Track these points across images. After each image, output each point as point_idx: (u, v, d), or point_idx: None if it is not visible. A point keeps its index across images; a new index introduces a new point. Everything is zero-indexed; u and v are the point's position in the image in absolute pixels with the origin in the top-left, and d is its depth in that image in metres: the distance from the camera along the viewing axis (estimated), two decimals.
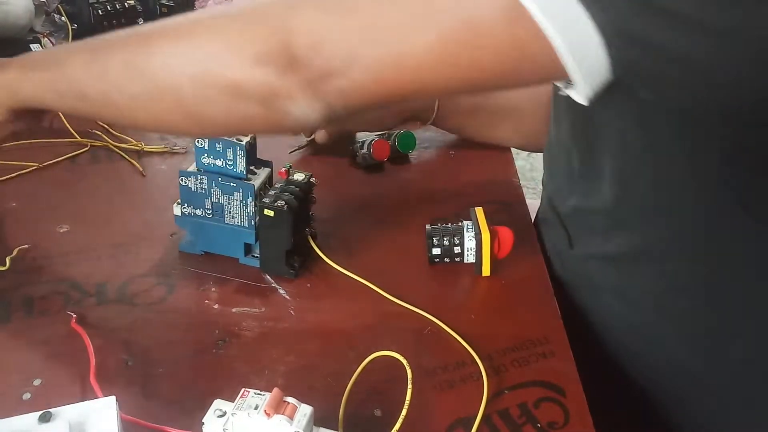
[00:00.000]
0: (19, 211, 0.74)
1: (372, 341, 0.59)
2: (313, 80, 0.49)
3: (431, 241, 0.68)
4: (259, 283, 0.66)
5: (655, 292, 0.63)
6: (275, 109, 0.51)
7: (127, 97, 0.55)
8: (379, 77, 0.49)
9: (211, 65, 0.51)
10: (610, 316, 0.68)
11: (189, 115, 0.54)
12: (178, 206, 0.67)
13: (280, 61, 0.49)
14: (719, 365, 0.63)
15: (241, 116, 0.52)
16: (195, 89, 0.52)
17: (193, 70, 0.52)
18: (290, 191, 0.64)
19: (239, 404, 0.45)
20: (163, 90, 0.54)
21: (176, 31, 0.54)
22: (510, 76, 0.49)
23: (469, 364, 0.58)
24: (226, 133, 0.60)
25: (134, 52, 0.55)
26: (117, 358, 0.57)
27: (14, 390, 0.53)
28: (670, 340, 0.64)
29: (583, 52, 0.45)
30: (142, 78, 0.54)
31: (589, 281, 0.69)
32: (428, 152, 0.91)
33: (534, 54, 0.46)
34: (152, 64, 0.54)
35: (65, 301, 0.62)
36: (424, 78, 0.50)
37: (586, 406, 0.55)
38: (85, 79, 0.57)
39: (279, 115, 0.51)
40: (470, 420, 0.53)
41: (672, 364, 0.65)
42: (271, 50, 0.49)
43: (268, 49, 0.49)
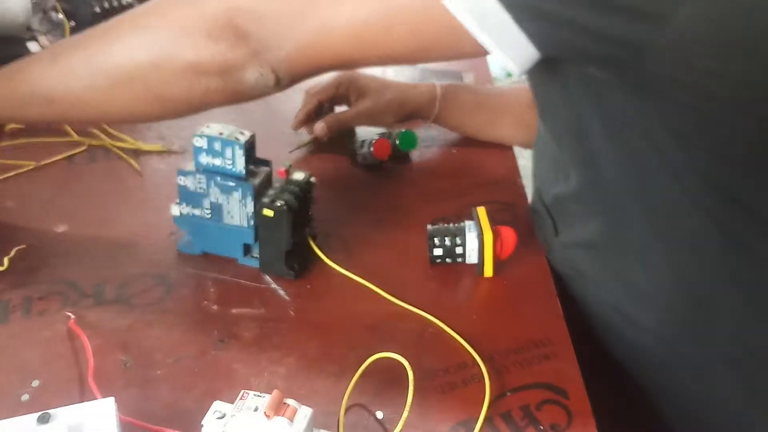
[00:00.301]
0: (17, 211, 0.74)
1: (373, 342, 0.59)
2: (258, 51, 0.56)
3: (432, 241, 0.68)
4: (259, 284, 0.65)
5: (630, 276, 0.64)
6: (232, 79, 0.57)
7: (93, 92, 0.60)
8: (310, 51, 0.56)
9: (169, 49, 0.57)
10: (596, 302, 0.69)
11: (155, 99, 0.60)
12: (176, 206, 0.67)
13: (229, 36, 0.55)
14: (705, 344, 0.64)
15: (203, 91, 0.58)
16: (158, 74, 0.58)
17: (152, 56, 0.57)
18: (290, 191, 0.64)
19: (239, 406, 0.45)
20: (127, 79, 0.59)
21: (132, 21, 0.59)
22: (431, 53, 0.56)
23: (471, 366, 0.58)
24: (189, 110, 0.63)
25: (95, 47, 0.60)
26: (115, 359, 0.56)
27: (12, 391, 0.53)
28: (650, 324, 0.65)
29: (497, 31, 0.50)
30: (105, 71, 0.59)
31: (575, 268, 0.70)
32: (430, 151, 0.90)
33: (450, 33, 0.51)
34: (114, 56, 0.59)
35: (63, 301, 0.62)
36: (349, 52, 0.56)
37: (589, 408, 0.54)
38: (49, 82, 0.61)
39: (236, 84, 0.57)
40: (472, 422, 0.53)
41: (657, 349, 0.66)
42: (220, 28, 0.55)
43: (217, 26, 0.55)
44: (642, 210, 0.60)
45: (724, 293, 0.61)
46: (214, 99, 0.60)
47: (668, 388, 0.68)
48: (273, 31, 0.56)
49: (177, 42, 0.57)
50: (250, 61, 0.56)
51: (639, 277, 0.64)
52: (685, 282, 0.62)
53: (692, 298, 0.62)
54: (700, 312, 0.62)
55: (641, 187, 0.59)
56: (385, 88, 0.87)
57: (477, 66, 1.12)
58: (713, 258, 0.59)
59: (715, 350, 0.64)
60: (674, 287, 0.62)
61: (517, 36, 0.50)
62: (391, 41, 0.55)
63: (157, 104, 0.61)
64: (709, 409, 0.67)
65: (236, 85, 0.58)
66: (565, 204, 0.69)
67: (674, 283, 0.62)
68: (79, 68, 0.60)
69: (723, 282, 0.61)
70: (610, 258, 0.66)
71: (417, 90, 0.88)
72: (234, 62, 0.56)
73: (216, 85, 0.58)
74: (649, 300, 0.64)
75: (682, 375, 0.66)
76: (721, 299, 0.61)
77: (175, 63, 0.57)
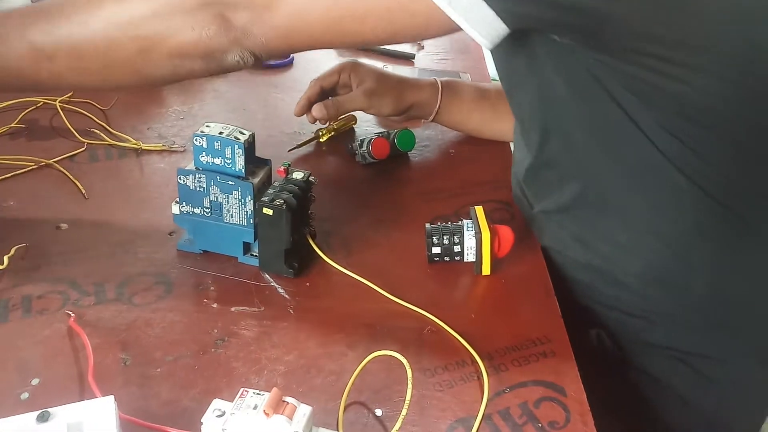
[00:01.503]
0: (17, 210, 0.74)
1: (371, 341, 0.59)
2: (239, 37, 0.60)
3: (431, 239, 0.68)
4: (258, 282, 0.66)
5: (611, 233, 0.67)
6: (215, 62, 0.62)
7: (79, 75, 0.64)
8: (287, 36, 0.61)
9: (157, 38, 0.61)
10: (575, 266, 0.71)
11: (141, 78, 0.65)
12: (176, 205, 0.67)
13: (214, 25, 0.59)
14: (683, 296, 0.67)
15: (187, 71, 0.63)
16: (146, 60, 0.62)
17: (141, 44, 0.61)
18: (289, 190, 0.64)
19: (238, 404, 0.45)
20: (116, 64, 0.63)
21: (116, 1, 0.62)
22: (400, 35, 0.60)
23: (470, 364, 0.58)
24: (171, 83, 0.71)
25: (79, 33, 0.62)
26: (115, 358, 0.57)
27: (12, 390, 0.53)
28: (631, 279, 0.68)
29: (467, 9, 0.53)
30: (94, 58, 0.62)
31: (554, 236, 0.72)
32: (428, 151, 0.90)
33: (422, 14, 0.55)
34: (100, 43, 0.62)
35: (63, 300, 0.62)
36: (325, 38, 0.61)
37: (587, 405, 0.55)
38: (33, 69, 0.63)
39: (218, 65, 0.62)
40: (471, 420, 0.53)
41: (639, 304, 0.69)
42: (204, 17, 0.59)
43: (202, 16, 0.59)
44: (616, 169, 0.63)
45: (700, 246, 0.64)
46: (197, 76, 0.65)
47: (651, 345, 0.70)
48: (251, 20, 0.59)
49: (165, 31, 0.60)
50: (231, 47, 0.60)
51: (620, 233, 0.66)
52: (662, 235, 0.64)
53: (670, 250, 0.65)
54: (677, 264, 0.65)
55: (613, 147, 0.62)
56: (387, 76, 0.88)
57: (475, 66, 1.13)
58: (687, 212, 0.62)
59: (692, 301, 0.67)
60: (653, 241, 0.65)
61: (485, 12, 0.52)
62: (366, 26, 0.58)
63: (142, 82, 0.67)
64: (690, 361, 0.69)
65: (218, 66, 0.62)
66: (539, 174, 0.71)
67: (653, 236, 0.64)
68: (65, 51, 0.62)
69: (698, 235, 0.63)
70: (589, 218, 0.68)
71: (418, 84, 0.88)
72: (217, 47, 0.60)
73: (199, 66, 0.62)
74: (629, 255, 0.66)
75: (661, 328, 0.69)
76: (696, 252, 0.64)
77: (163, 51, 0.61)
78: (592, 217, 0.67)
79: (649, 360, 0.71)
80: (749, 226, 0.63)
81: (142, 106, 0.96)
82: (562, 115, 0.63)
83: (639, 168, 0.62)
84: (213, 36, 0.60)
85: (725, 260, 0.65)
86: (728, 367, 0.70)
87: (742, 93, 0.56)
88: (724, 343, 0.69)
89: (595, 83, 0.58)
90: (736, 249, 0.65)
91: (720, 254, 0.65)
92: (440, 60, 1.17)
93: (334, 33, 0.60)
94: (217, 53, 0.61)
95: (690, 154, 0.59)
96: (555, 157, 0.67)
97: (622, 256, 0.67)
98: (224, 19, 0.59)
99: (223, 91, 1.03)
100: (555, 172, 0.68)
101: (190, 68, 0.62)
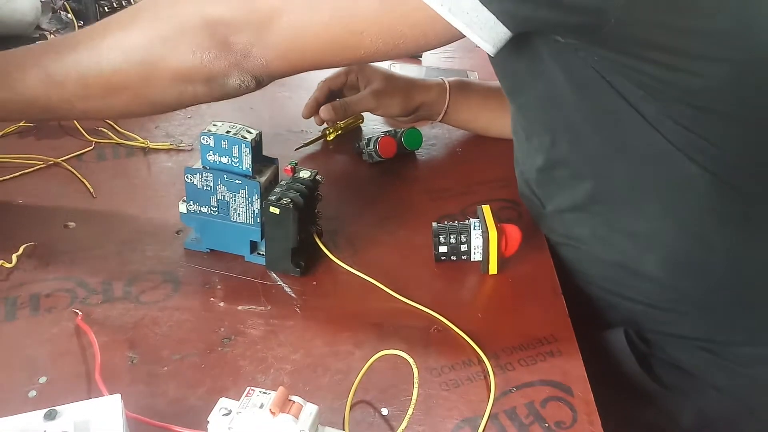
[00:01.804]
0: (26, 209, 0.74)
1: (378, 340, 0.59)
2: (239, 60, 0.60)
3: (438, 238, 0.68)
4: (265, 281, 0.66)
5: (629, 226, 0.67)
6: (216, 85, 0.61)
7: (89, 101, 0.64)
8: (287, 58, 0.60)
9: (157, 63, 0.61)
10: (595, 261, 0.71)
11: (146, 104, 0.65)
12: (183, 204, 0.67)
13: (213, 48, 0.59)
14: (704, 278, 0.67)
15: (191, 95, 0.63)
16: (148, 85, 0.62)
17: (142, 69, 0.61)
18: (296, 189, 0.64)
19: (244, 403, 0.45)
20: (120, 90, 0.63)
21: (119, 29, 0.63)
22: (401, 48, 0.58)
23: (476, 363, 0.58)
24: (180, 108, 0.70)
25: (86, 59, 0.62)
26: (122, 356, 0.57)
27: (20, 388, 0.53)
28: (653, 268, 0.67)
29: (468, 15, 0.52)
30: (98, 83, 0.63)
31: (568, 235, 0.72)
32: (435, 150, 0.90)
33: (422, 24, 0.54)
34: (104, 69, 0.62)
35: (71, 298, 0.62)
36: (324, 57, 0.61)
37: (594, 405, 0.54)
38: (45, 94, 0.64)
39: (220, 89, 0.62)
40: (477, 419, 0.53)
41: (663, 294, 0.69)
42: (203, 41, 0.59)
43: (200, 40, 0.59)
44: (626, 163, 0.63)
45: (718, 228, 0.64)
46: (202, 100, 0.64)
47: (677, 336, 0.70)
48: (250, 41, 0.59)
49: (164, 56, 0.61)
50: (231, 70, 0.60)
51: (637, 224, 0.66)
52: (679, 222, 0.64)
53: (688, 236, 0.65)
54: (696, 248, 0.65)
55: (620, 141, 0.62)
56: (395, 77, 0.88)
57: (483, 65, 1.12)
58: (701, 197, 0.62)
59: (714, 284, 0.67)
60: (671, 229, 0.65)
61: (485, 16, 0.52)
62: (365, 40, 0.57)
63: (148, 108, 0.68)
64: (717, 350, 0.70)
65: (221, 90, 0.62)
66: (550, 174, 0.70)
67: (670, 224, 0.65)
68: (71, 83, 0.63)
69: (714, 218, 0.63)
70: (605, 214, 0.67)
71: (426, 84, 0.88)
72: (218, 71, 0.60)
73: (202, 90, 0.62)
74: (649, 245, 0.66)
75: (685, 318, 0.69)
76: (714, 234, 0.64)
77: (164, 75, 0.61)
78: (609, 212, 0.67)
79: (677, 352, 0.71)
80: (765, 204, 0.64)
81: None
82: (568, 114, 0.63)
83: (648, 159, 0.61)
84: (213, 60, 0.59)
85: (743, 240, 0.65)
86: (757, 350, 0.69)
87: (745, 76, 0.56)
88: (747, 326, 0.69)
89: (598, 79, 0.58)
90: (754, 228, 0.65)
91: (737, 234, 0.65)
92: (447, 59, 1.17)
93: (334, 50, 0.59)
94: (218, 77, 0.61)
95: (697, 140, 0.59)
96: (566, 157, 0.67)
97: (642, 248, 0.67)
98: (224, 42, 0.59)
99: None
100: (567, 171, 0.68)
101: (193, 93, 0.62)
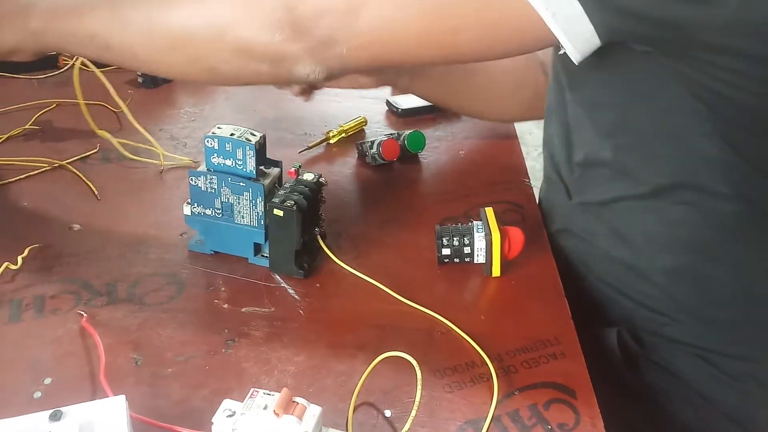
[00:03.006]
0: (31, 211, 0.74)
1: (381, 341, 0.59)
2: (316, 47, 0.56)
3: (441, 241, 0.68)
4: (269, 283, 0.66)
5: (648, 227, 0.67)
6: (282, 69, 0.58)
7: (149, 50, 0.61)
8: (371, 48, 0.56)
9: (226, 29, 0.57)
10: (605, 257, 0.71)
11: (205, 70, 0.61)
12: (188, 206, 0.67)
13: (288, 28, 0.55)
14: (708, 295, 0.67)
15: (252, 72, 0.59)
16: (211, 49, 0.59)
17: (210, 32, 0.58)
18: (299, 191, 0.64)
19: (248, 404, 0.45)
20: (181, 47, 0.60)
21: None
22: (500, 49, 0.56)
23: (479, 365, 0.58)
24: (236, 84, 0.68)
25: (156, 9, 0.60)
26: (127, 358, 0.57)
27: (25, 389, 0.53)
28: (657, 273, 0.68)
29: (569, 23, 0.51)
30: (162, 35, 0.60)
31: (587, 229, 0.72)
32: (438, 152, 0.90)
33: (520, 26, 0.53)
34: (172, 22, 0.59)
35: (76, 300, 0.62)
36: (406, 51, 0.57)
37: (597, 408, 0.54)
38: (108, 33, 0.62)
39: (285, 73, 0.58)
40: (480, 421, 0.53)
41: (661, 296, 0.69)
42: (280, 18, 0.55)
43: (278, 16, 0.55)
44: (680, 167, 0.62)
45: (729, 243, 0.65)
46: (261, 81, 0.62)
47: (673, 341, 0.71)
48: (333, 27, 0.55)
49: (234, 23, 0.58)
50: (304, 57, 0.57)
51: (656, 226, 0.66)
52: (695, 228, 0.64)
53: (698, 246, 0.65)
54: (704, 261, 0.66)
55: (682, 147, 0.61)
56: None
57: None
58: (725, 215, 0.63)
59: (717, 298, 0.67)
60: (686, 236, 0.65)
61: (585, 26, 0.52)
62: (459, 41, 0.55)
63: (206, 74, 0.63)
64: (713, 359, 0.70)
65: (286, 74, 0.59)
66: (589, 170, 0.70)
67: (686, 232, 0.65)
68: (136, 26, 0.61)
69: (725, 231, 0.64)
70: (632, 212, 0.67)
71: None
72: (288, 55, 0.57)
73: (266, 70, 0.59)
74: (661, 249, 0.67)
75: (685, 326, 0.69)
76: (724, 248, 0.65)
77: (230, 43, 0.58)
78: (635, 210, 0.67)
79: (670, 356, 0.71)
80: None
81: (154, 107, 0.97)
82: (633, 117, 0.63)
83: (695, 167, 0.62)
84: (285, 40, 0.56)
85: (752, 258, 0.66)
86: (751, 365, 0.70)
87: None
88: (747, 341, 0.70)
89: (665, 88, 0.58)
90: (764, 247, 0.66)
91: (747, 252, 0.65)
92: None
93: (421, 46, 0.56)
94: (287, 61, 0.57)
95: (736, 159, 0.60)
96: (613, 158, 0.66)
97: (653, 250, 0.67)
98: (302, 24, 0.56)
99: (234, 92, 1.04)
100: (608, 171, 0.68)
101: (255, 70, 0.59)
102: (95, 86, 0.84)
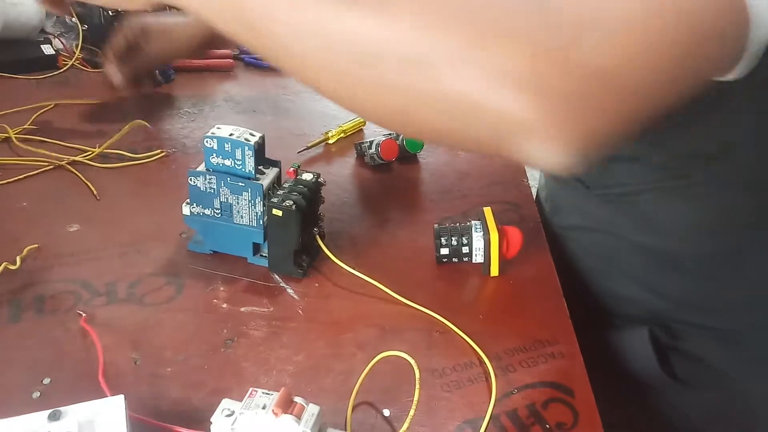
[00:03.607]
0: (30, 211, 0.74)
1: (380, 341, 0.59)
2: (560, 122, 0.36)
3: (439, 240, 0.68)
4: (268, 283, 0.66)
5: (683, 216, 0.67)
6: (503, 140, 0.38)
7: (302, 52, 0.42)
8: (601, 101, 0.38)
9: (427, 60, 0.37)
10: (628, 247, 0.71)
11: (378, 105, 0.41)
12: (187, 206, 0.67)
13: (538, 88, 0.36)
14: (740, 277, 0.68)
15: (462, 135, 0.40)
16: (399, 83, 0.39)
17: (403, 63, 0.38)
18: (298, 191, 0.64)
19: (247, 404, 0.45)
20: (350, 63, 0.40)
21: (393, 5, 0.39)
22: None
23: (478, 365, 0.58)
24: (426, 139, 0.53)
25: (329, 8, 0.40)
26: (126, 357, 0.57)
27: (24, 388, 0.54)
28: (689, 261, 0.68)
29: None
30: (325, 37, 0.40)
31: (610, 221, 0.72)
32: (436, 152, 0.90)
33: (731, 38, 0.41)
34: (346, 27, 0.40)
35: (75, 300, 0.62)
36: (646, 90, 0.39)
37: (595, 407, 0.55)
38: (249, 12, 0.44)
39: (509, 148, 0.38)
40: (478, 420, 0.53)
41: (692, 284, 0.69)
42: (530, 72, 0.36)
43: (526, 69, 0.36)
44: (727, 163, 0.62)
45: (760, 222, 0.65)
46: (472, 149, 0.47)
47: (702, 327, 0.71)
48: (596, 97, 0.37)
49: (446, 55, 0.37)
50: (538, 132, 0.37)
51: (690, 215, 0.66)
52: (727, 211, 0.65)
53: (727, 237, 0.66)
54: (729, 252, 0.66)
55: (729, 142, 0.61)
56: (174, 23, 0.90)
57: None
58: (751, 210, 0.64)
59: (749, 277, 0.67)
60: (718, 223, 0.65)
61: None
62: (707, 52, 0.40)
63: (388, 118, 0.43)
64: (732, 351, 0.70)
65: (509, 149, 0.39)
66: (614, 162, 0.69)
67: (719, 220, 0.65)
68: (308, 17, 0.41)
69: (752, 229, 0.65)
70: (666, 200, 0.67)
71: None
72: (518, 122, 0.37)
73: (478, 135, 0.39)
74: (692, 236, 0.67)
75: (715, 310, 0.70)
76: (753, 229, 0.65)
77: (427, 81, 0.38)
78: (664, 197, 0.67)
79: (699, 343, 0.71)
80: None
81: (154, 107, 0.97)
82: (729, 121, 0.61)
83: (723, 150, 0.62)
84: (526, 103, 0.36)
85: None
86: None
87: None
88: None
89: None
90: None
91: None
92: None
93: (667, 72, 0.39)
94: (513, 132, 0.37)
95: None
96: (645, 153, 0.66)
97: (684, 237, 0.67)
98: (547, 88, 0.36)
99: (233, 93, 1.04)
100: (642, 165, 0.67)
101: (475, 135, 0.39)
102: (95, 86, 0.84)
